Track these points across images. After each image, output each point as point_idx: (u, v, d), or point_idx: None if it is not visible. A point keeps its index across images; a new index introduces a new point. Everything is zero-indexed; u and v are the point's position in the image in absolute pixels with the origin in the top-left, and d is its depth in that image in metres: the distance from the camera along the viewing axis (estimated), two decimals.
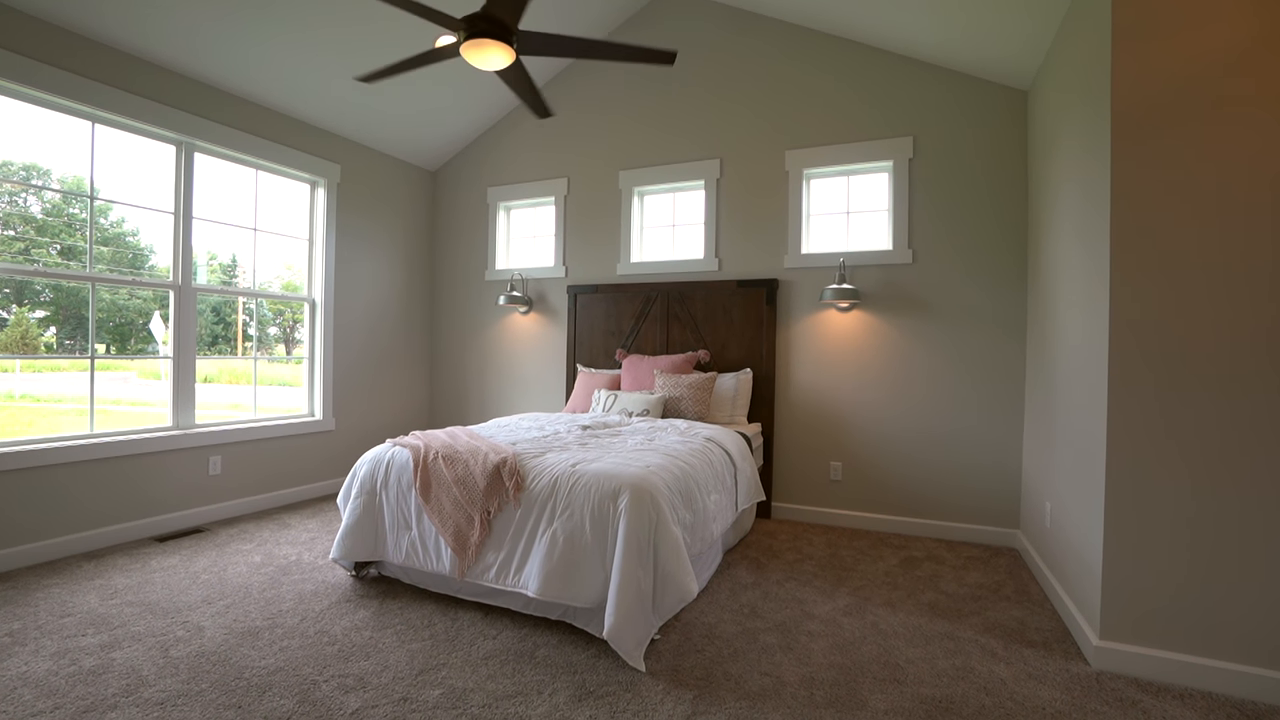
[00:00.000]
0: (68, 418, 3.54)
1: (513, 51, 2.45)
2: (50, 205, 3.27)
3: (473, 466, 2.55)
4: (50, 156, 3.22)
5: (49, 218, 3.24)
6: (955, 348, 3.70)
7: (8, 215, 3.05)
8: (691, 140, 4.40)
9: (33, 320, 3.34)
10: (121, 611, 2.49)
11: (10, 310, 3.17)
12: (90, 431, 3.30)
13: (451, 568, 2.52)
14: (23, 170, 3.16)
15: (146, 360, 3.86)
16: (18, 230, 3.10)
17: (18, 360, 3.20)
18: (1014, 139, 3.58)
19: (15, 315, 3.22)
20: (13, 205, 3.09)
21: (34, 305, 3.30)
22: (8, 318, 3.19)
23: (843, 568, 3.18)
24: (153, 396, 4.00)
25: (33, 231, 3.21)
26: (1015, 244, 3.57)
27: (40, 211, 3.19)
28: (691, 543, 2.46)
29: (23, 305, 3.12)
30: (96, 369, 3.30)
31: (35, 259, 3.16)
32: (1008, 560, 3.32)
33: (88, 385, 3.29)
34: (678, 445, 2.88)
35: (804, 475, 4.06)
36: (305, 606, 2.58)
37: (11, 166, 3.12)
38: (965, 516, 3.67)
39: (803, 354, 4.06)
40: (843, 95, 3.97)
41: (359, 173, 4.72)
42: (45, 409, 3.35)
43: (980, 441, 3.64)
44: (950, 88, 3.71)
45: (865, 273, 3.91)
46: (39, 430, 3.16)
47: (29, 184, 3.23)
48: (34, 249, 3.25)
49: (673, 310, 4.35)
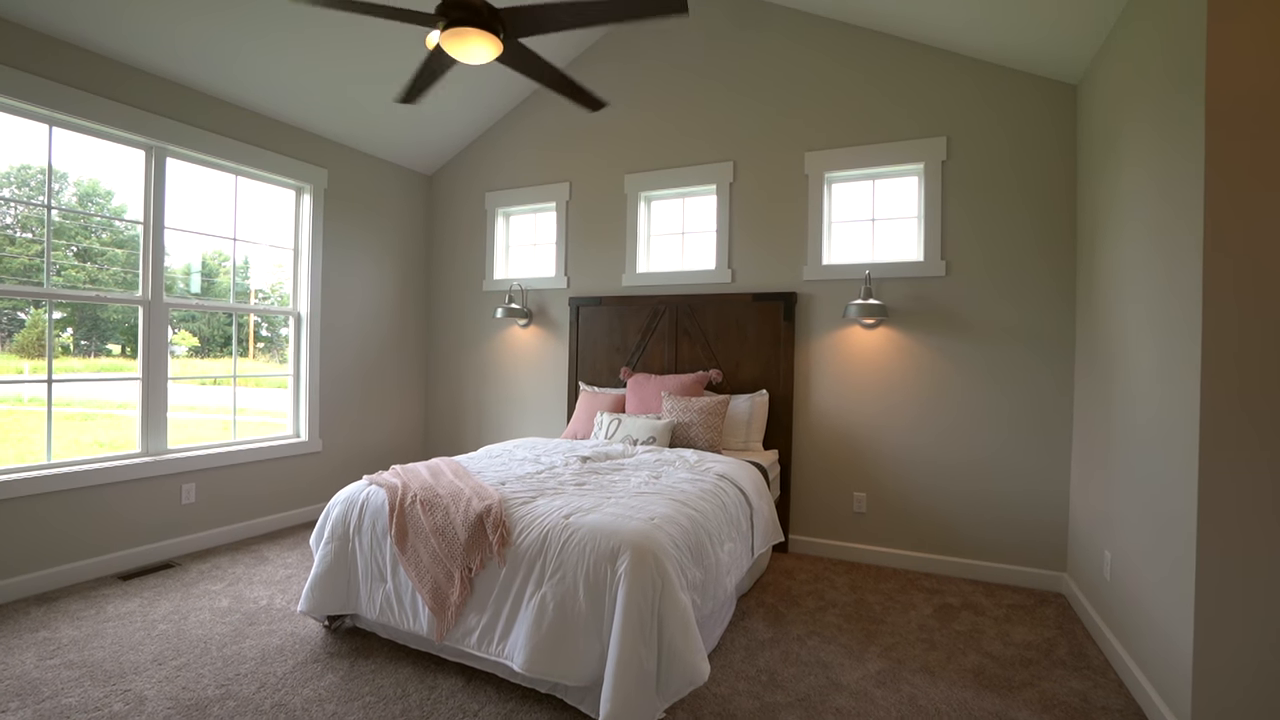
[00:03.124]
0: (70, 423, 3.42)
1: (498, 40, 2.15)
2: (67, 209, 3.23)
3: (453, 514, 2.24)
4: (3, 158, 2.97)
5: (66, 220, 3.23)
6: (993, 369, 3.36)
7: (25, 219, 3.07)
8: (702, 141, 4.08)
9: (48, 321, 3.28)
10: (58, 675, 2.21)
11: (28, 311, 3.15)
12: (48, 461, 3.03)
13: (429, 629, 2.21)
14: (39, 174, 3.09)
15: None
16: (35, 233, 3.07)
17: (26, 363, 3.16)
18: (1061, 138, 3.22)
19: (31, 316, 3.18)
20: (30, 209, 3.06)
21: (50, 307, 3.27)
22: (25, 319, 3.18)
23: (871, 618, 2.85)
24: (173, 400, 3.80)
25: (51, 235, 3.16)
26: (1062, 254, 3.22)
27: (58, 215, 3.16)
28: (702, 604, 2.14)
29: (40, 307, 3.07)
30: (107, 371, 3.23)
31: (53, 261, 3.14)
32: (1055, 611, 2.96)
33: (98, 390, 3.22)
34: (687, 486, 2.56)
35: (825, 507, 3.72)
36: (267, 669, 2.29)
37: (30, 170, 3.06)
38: (1004, 556, 3.32)
39: (824, 374, 3.73)
40: (868, 91, 3.63)
41: (348, 177, 4.44)
42: (58, 413, 3.22)
43: (1021, 473, 3.29)
44: (988, 82, 3.36)
45: (893, 286, 3.57)
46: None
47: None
48: (51, 251, 3.18)
49: (682, 325, 4.03)
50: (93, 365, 3.39)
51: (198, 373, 3.94)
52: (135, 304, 3.35)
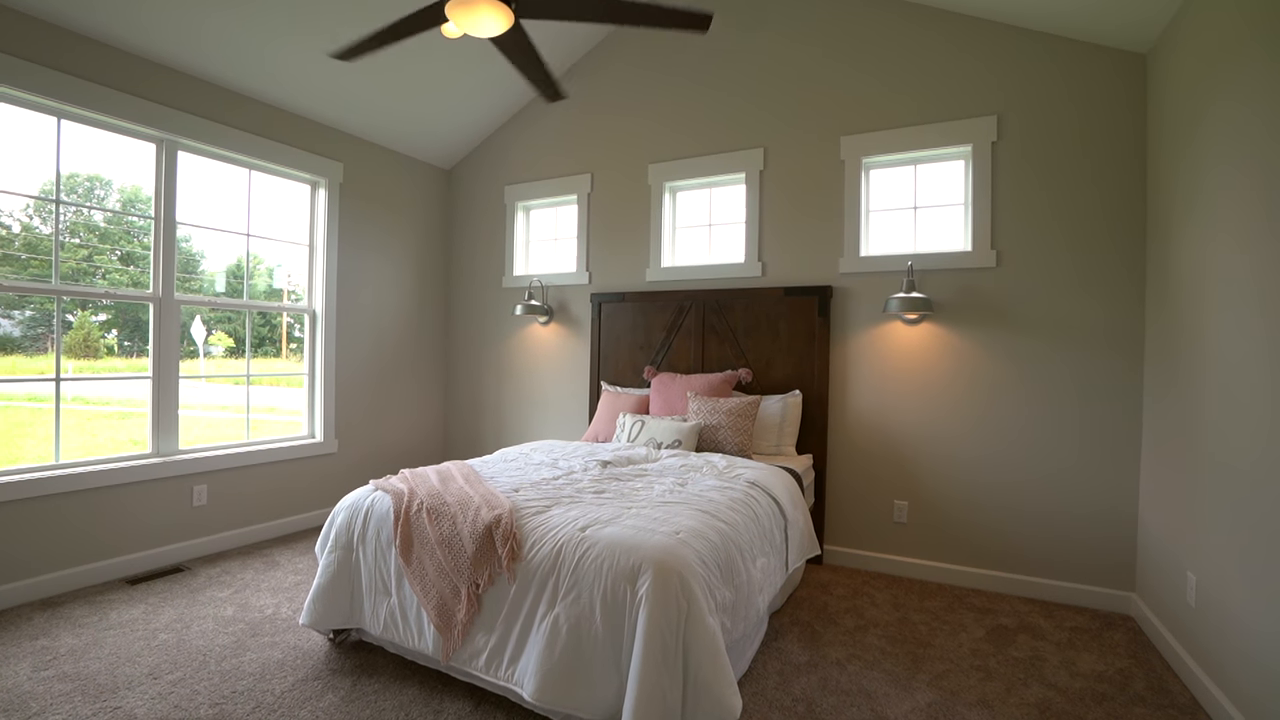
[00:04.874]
0: (105, 422, 3.51)
1: (509, 11, 1.97)
2: (110, 214, 3.35)
3: (460, 524, 2.07)
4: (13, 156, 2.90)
5: (110, 225, 3.38)
6: (1048, 368, 3.07)
7: (74, 225, 3.22)
8: (731, 128, 3.86)
9: (95, 324, 3.51)
10: (50, 689, 2.10)
11: (75, 314, 3.28)
12: (56, 461, 2.95)
13: (435, 648, 2.04)
14: (87, 181, 3.24)
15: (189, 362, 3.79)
16: (81, 238, 3.23)
17: (70, 363, 3.24)
18: (1128, 114, 2.93)
19: (79, 319, 3.28)
20: (79, 215, 3.21)
21: (95, 309, 3.45)
22: (73, 320, 3.29)
23: (917, 640, 2.60)
24: (194, 399, 3.84)
25: (96, 239, 3.34)
26: (1129, 241, 2.92)
27: (102, 220, 3.34)
28: (733, 627, 1.93)
29: (86, 309, 3.20)
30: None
31: (98, 265, 3.30)
32: (1125, 636, 2.67)
33: (137, 390, 3.24)
34: (715, 495, 2.35)
35: (863, 516, 3.47)
36: (265, 686, 2.14)
37: (78, 178, 3.20)
38: (1063, 573, 3.03)
39: (862, 373, 3.48)
40: (910, 69, 3.37)
41: (364, 172, 4.32)
42: (94, 412, 3.26)
43: (1081, 481, 3.00)
44: (1044, 54, 3.08)
45: (938, 278, 3.30)
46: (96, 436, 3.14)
47: None
48: (95, 255, 3.35)
49: (709, 322, 3.81)
50: (135, 366, 3.39)
51: (233, 372, 3.89)
52: (146, 300, 3.26)
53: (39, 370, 3.02)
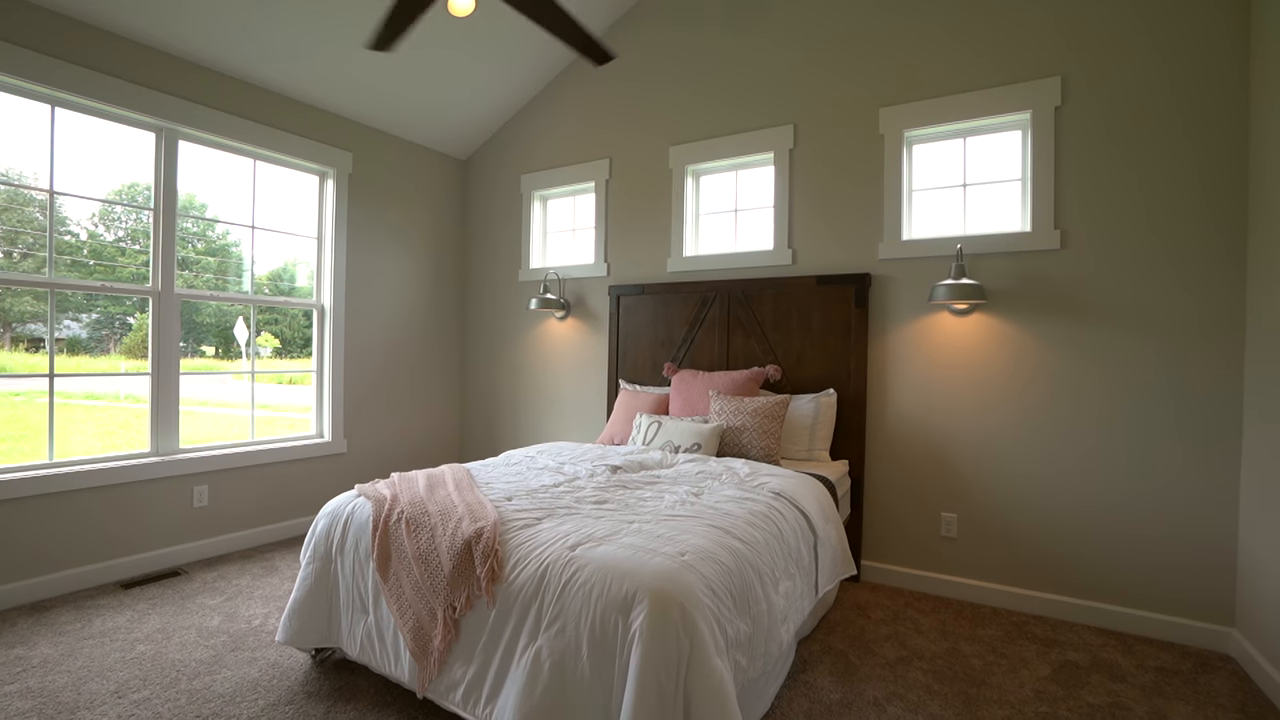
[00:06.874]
0: (143, 419, 3.45)
1: None
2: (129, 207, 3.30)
3: (439, 537, 1.83)
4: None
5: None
6: (1122, 366, 2.67)
7: (135, 231, 3.26)
8: (758, 103, 3.55)
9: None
10: (9, 705, 1.95)
11: (134, 316, 3.35)
12: (49, 460, 2.86)
13: (411, 676, 1.81)
14: (146, 190, 3.21)
15: (235, 362, 3.80)
16: (141, 244, 3.24)
17: (123, 362, 3.36)
18: (1219, 61, 2.51)
19: (138, 321, 3.33)
20: (138, 222, 3.25)
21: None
22: (133, 323, 3.36)
23: (969, 678, 2.25)
24: (236, 398, 3.84)
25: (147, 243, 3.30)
26: (1225, 214, 2.50)
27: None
28: (749, 665, 1.64)
29: (144, 313, 3.23)
30: (194, 371, 3.38)
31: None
32: (1227, 681, 2.26)
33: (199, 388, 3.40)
34: (733, 507, 2.05)
35: (905, 529, 3.11)
36: (232, 710, 1.95)
37: (137, 186, 3.19)
38: (1144, 601, 2.62)
39: (904, 370, 3.12)
40: (957, 30, 3.01)
41: (375, 161, 4.17)
42: (144, 410, 3.24)
43: (1166, 496, 2.59)
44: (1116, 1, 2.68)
45: (991, 263, 2.93)
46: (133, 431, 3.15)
47: None
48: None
49: (735, 315, 3.51)
50: (188, 366, 3.39)
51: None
52: (145, 295, 3.16)
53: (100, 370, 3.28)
